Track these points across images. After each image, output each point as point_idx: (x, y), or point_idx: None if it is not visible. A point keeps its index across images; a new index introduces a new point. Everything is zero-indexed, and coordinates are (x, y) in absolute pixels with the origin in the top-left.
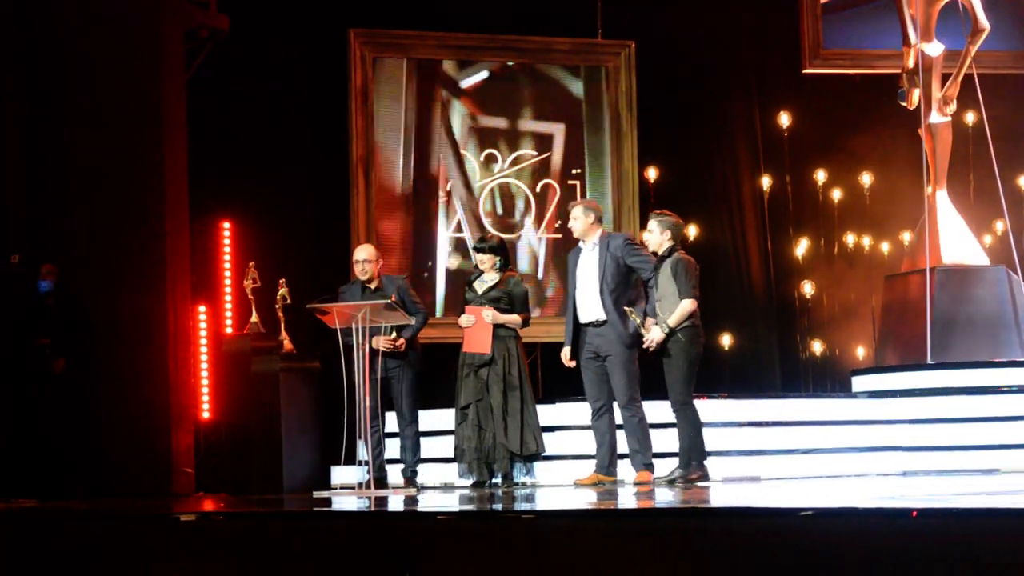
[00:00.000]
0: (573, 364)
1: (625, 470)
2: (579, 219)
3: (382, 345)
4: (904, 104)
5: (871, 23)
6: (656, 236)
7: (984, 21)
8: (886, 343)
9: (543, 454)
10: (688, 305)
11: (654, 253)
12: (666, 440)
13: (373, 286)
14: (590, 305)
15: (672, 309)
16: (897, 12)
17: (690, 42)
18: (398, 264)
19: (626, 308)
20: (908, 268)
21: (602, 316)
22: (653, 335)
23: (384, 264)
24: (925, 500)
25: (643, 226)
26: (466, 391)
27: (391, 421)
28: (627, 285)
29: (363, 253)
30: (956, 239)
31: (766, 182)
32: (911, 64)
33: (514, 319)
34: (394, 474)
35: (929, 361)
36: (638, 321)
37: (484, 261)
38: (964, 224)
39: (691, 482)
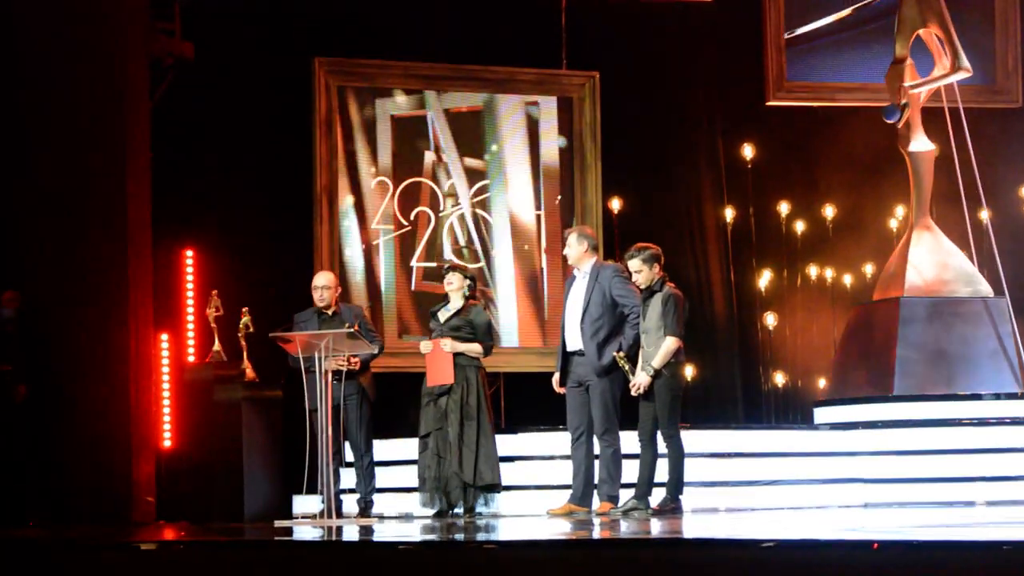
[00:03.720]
0: (562, 391)
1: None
2: (572, 246)
3: (335, 364)
4: (892, 121)
5: (834, 56)
6: (647, 273)
7: (965, 63)
8: (856, 371)
9: (499, 485)
10: (671, 343)
11: (647, 288)
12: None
13: (331, 313)
14: (574, 334)
15: (655, 343)
16: (944, 34)
17: (654, 73)
18: (360, 293)
19: (615, 354)
20: (892, 295)
21: (581, 346)
22: (638, 379)
23: (343, 293)
24: (886, 532)
25: (608, 256)
26: (426, 420)
27: (348, 450)
28: (612, 316)
29: (322, 279)
30: (970, 269)
31: (729, 213)
32: (947, 82)
33: (474, 348)
34: (349, 504)
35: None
36: (626, 367)
37: (452, 282)
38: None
39: (665, 513)
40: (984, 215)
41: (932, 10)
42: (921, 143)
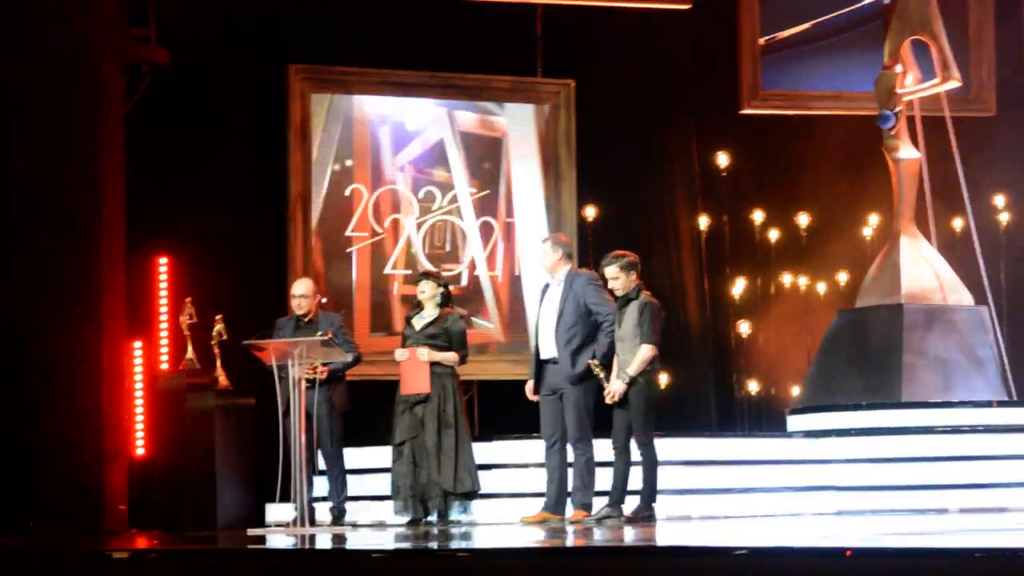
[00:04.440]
0: (536, 398)
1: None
2: (547, 254)
3: (303, 372)
4: (887, 127)
5: (809, 65)
6: (623, 280)
7: (956, 73)
8: (846, 378)
9: (479, 492)
10: (647, 351)
11: (623, 296)
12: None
13: (307, 320)
14: (548, 342)
15: (631, 351)
16: (936, 43)
17: (629, 81)
18: (334, 301)
19: (590, 362)
20: (889, 301)
21: (555, 354)
22: (614, 387)
23: (319, 300)
24: (859, 540)
25: (582, 263)
26: (401, 428)
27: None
28: (586, 324)
29: (300, 288)
30: (953, 277)
31: (703, 221)
32: (938, 92)
33: (450, 357)
34: (322, 512)
35: None
36: (601, 375)
37: (425, 291)
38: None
39: (638, 521)
40: (960, 223)
41: (925, 18)
42: (908, 150)
